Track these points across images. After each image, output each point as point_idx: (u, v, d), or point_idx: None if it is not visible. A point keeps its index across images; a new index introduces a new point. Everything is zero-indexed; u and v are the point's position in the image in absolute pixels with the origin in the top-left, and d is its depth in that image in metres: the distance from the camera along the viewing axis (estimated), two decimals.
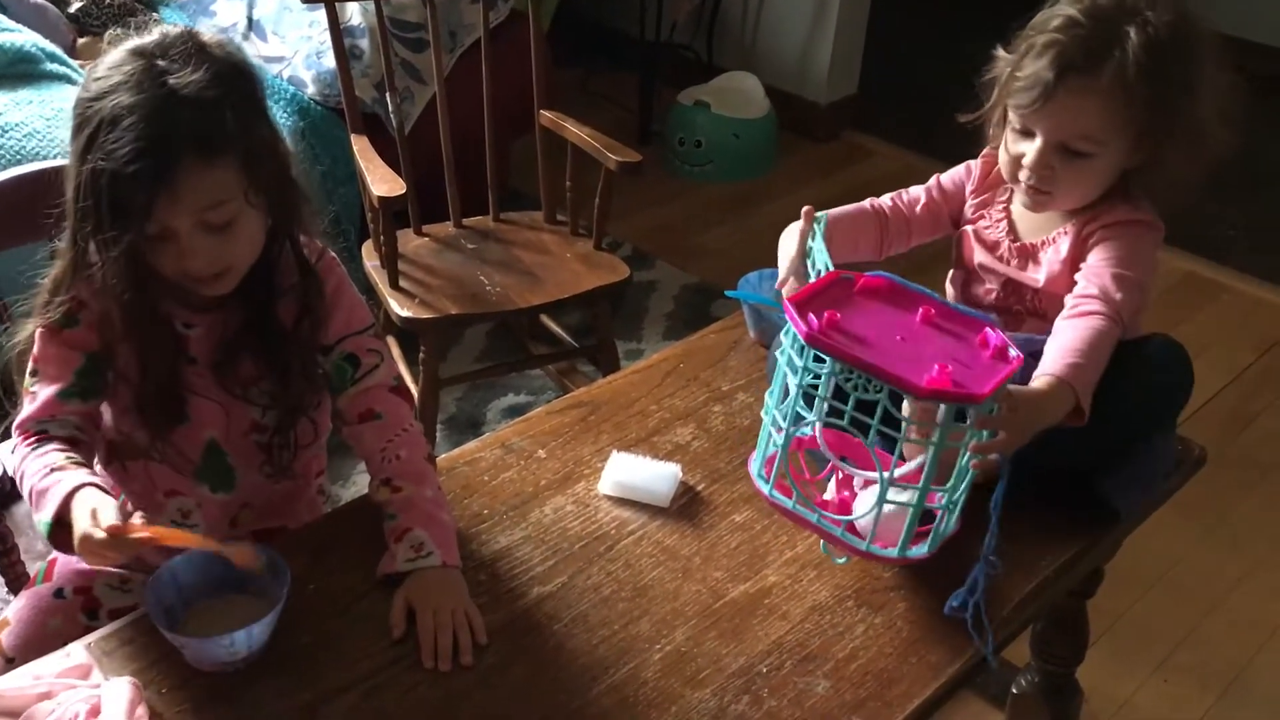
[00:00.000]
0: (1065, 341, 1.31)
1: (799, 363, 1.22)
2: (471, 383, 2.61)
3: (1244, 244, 3.36)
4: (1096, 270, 1.37)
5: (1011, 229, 1.50)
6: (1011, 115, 1.40)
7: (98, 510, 1.14)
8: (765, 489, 1.30)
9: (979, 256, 1.51)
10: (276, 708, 1.16)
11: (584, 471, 1.49)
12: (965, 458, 1.22)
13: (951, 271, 1.60)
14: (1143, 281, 1.37)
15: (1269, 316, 3.16)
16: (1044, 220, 1.47)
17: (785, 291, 1.42)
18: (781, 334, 1.30)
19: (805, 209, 1.45)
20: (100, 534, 1.12)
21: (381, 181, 2.11)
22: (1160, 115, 1.33)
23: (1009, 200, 1.51)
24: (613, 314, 2.45)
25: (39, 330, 1.30)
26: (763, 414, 1.32)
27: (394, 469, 1.35)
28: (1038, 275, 1.46)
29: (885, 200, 1.59)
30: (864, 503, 1.30)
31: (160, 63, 1.17)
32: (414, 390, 2.37)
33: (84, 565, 1.38)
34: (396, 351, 2.52)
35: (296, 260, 1.33)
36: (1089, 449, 1.36)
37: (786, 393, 1.26)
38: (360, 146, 2.25)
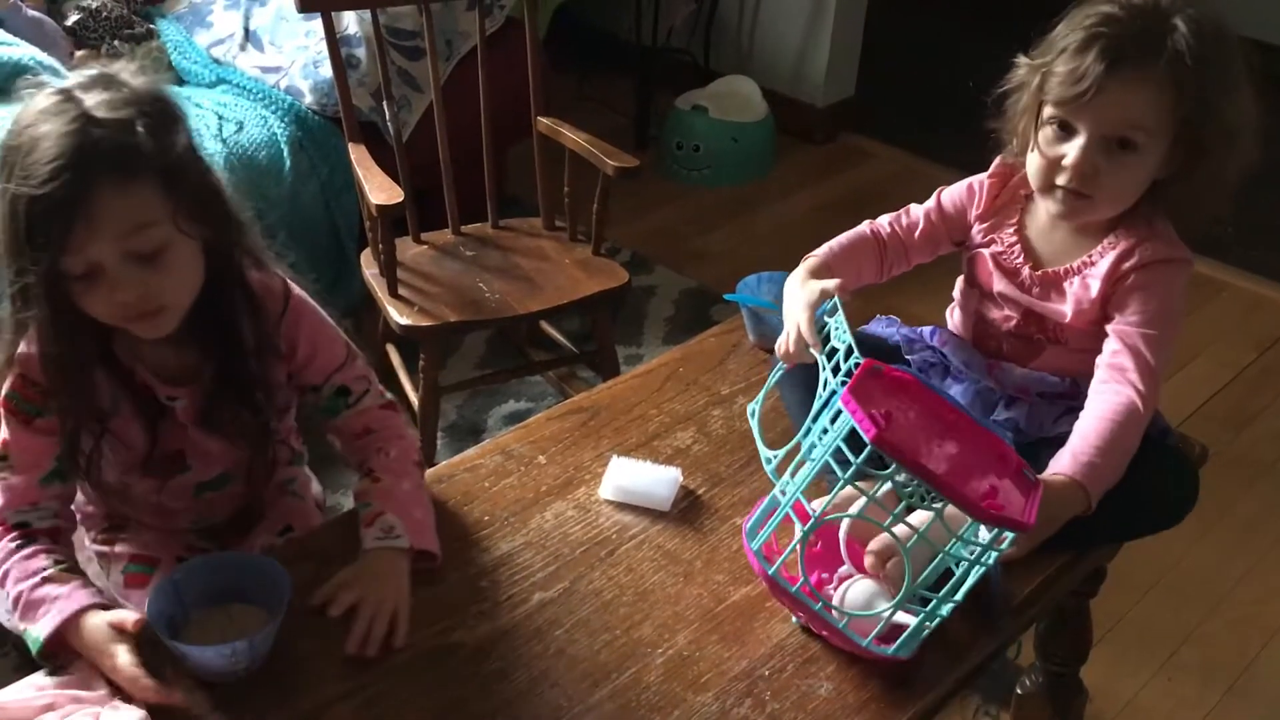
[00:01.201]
0: (1091, 431, 1.30)
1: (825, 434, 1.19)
2: (472, 390, 2.61)
3: (1243, 242, 3.36)
4: (1130, 334, 1.35)
5: (1028, 253, 1.45)
6: (1048, 115, 1.34)
7: (118, 645, 1.15)
8: (767, 568, 1.23)
9: (998, 284, 1.46)
10: (277, 716, 1.16)
11: (585, 477, 1.49)
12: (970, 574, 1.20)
13: (960, 293, 1.56)
14: (1173, 333, 1.37)
15: (1269, 314, 3.15)
16: (1063, 244, 1.43)
17: (783, 354, 1.38)
18: (817, 420, 1.22)
19: (827, 286, 1.35)
20: (148, 683, 1.13)
21: (379, 190, 2.11)
22: (1201, 116, 1.29)
23: (1019, 222, 1.47)
24: (612, 319, 2.45)
25: (5, 414, 1.28)
26: (778, 491, 1.25)
27: (378, 463, 1.40)
28: (1063, 308, 1.41)
29: (884, 225, 1.54)
30: (853, 595, 1.25)
31: (79, 94, 1.16)
32: (414, 398, 2.38)
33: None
34: (396, 359, 2.52)
35: (245, 296, 1.31)
36: (1081, 539, 1.37)
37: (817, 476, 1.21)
38: (358, 155, 2.25)
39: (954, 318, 1.58)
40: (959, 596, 1.20)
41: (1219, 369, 2.89)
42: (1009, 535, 1.15)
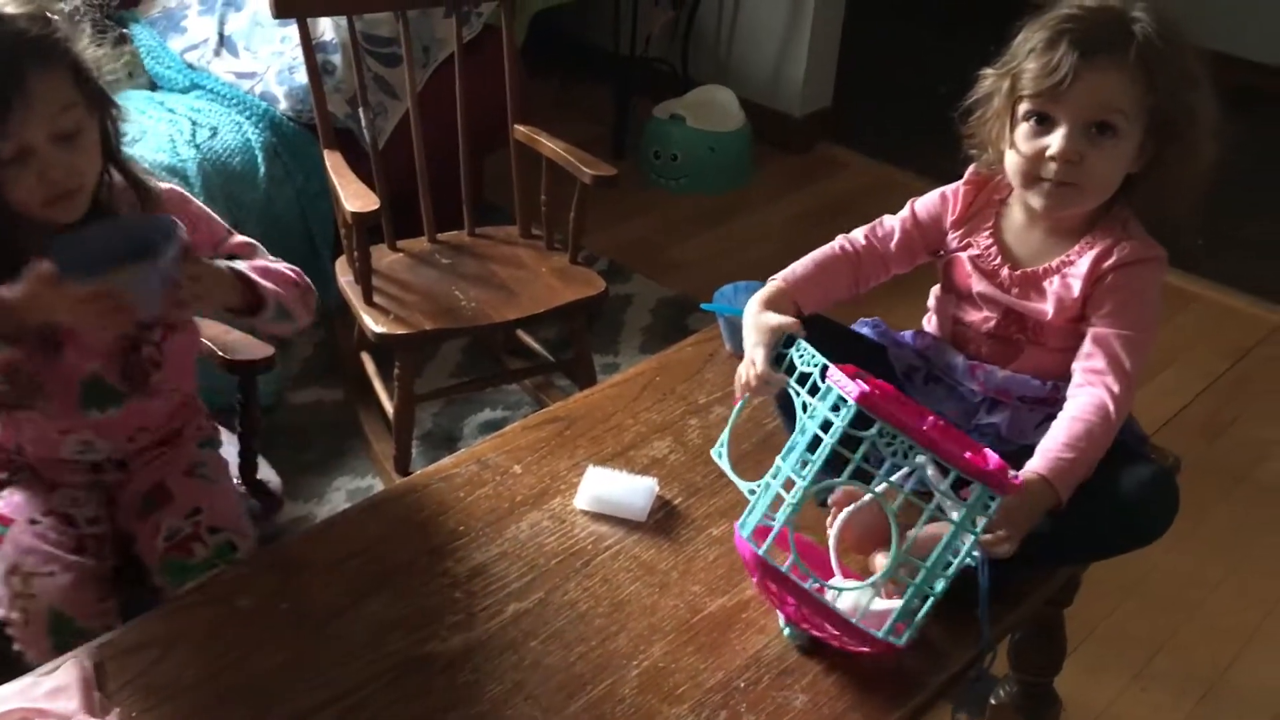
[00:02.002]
0: (1062, 431, 1.33)
1: (817, 417, 1.22)
2: (447, 398, 2.60)
3: (1214, 253, 3.39)
4: (1106, 336, 1.37)
5: (1005, 255, 1.46)
6: (1025, 111, 1.36)
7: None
8: (758, 549, 1.23)
9: (978, 285, 1.47)
10: None
11: (560, 487, 1.48)
12: (962, 552, 1.23)
13: (936, 298, 1.57)
14: (1151, 334, 1.39)
15: (1240, 324, 3.18)
16: (1039, 245, 1.44)
17: (742, 387, 1.39)
18: (802, 402, 1.27)
19: (782, 324, 1.38)
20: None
21: (355, 197, 2.10)
22: (1170, 103, 1.33)
23: (995, 226, 1.48)
24: (589, 328, 2.44)
25: None
26: (769, 478, 1.27)
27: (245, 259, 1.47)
28: (1044, 306, 1.42)
29: (859, 238, 1.54)
30: (844, 604, 1.25)
31: None
32: (389, 407, 2.36)
33: (29, 498, 1.48)
34: (371, 368, 2.51)
35: (130, 179, 1.41)
36: (1059, 556, 1.39)
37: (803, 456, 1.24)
38: (333, 162, 2.23)
39: (930, 324, 1.58)
40: (950, 572, 1.22)
41: (1192, 379, 2.91)
42: (994, 503, 1.19)
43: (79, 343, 1.41)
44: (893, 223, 1.55)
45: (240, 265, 1.42)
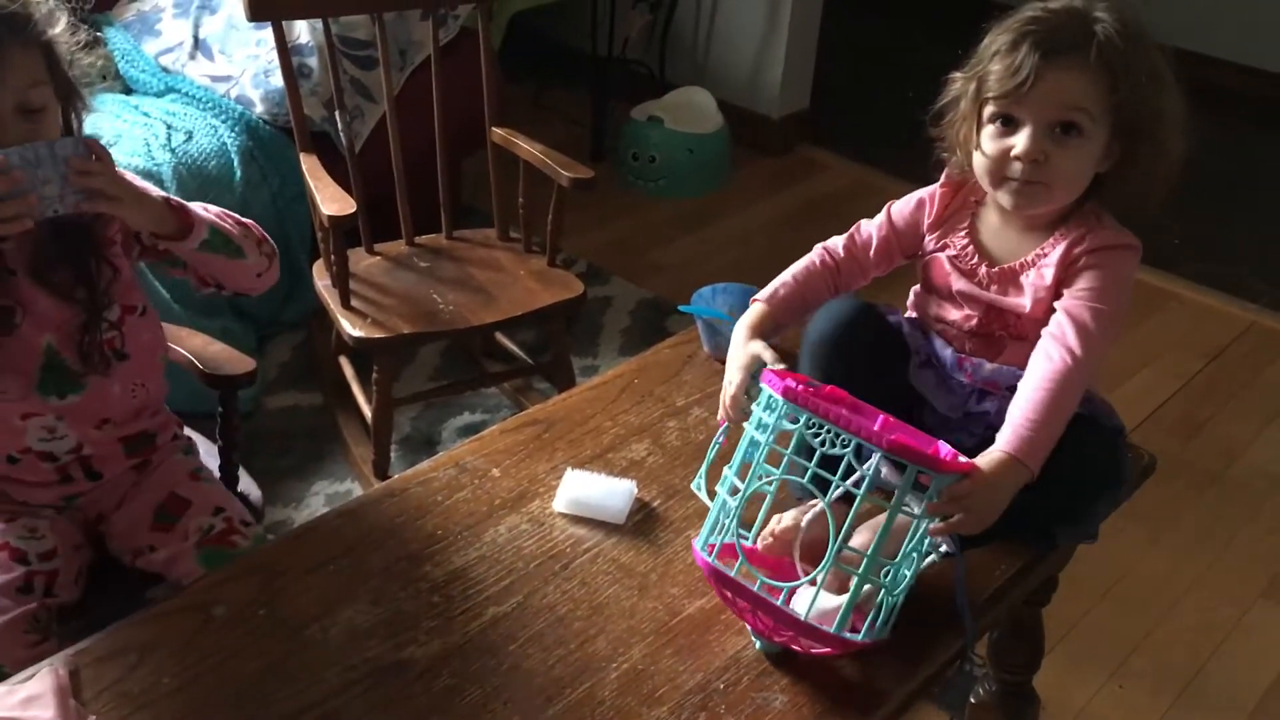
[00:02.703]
0: (1025, 401, 1.33)
1: (768, 421, 1.24)
2: (426, 402, 2.59)
3: (1190, 253, 3.42)
4: (1074, 306, 1.38)
5: (981, 254, 1.47)
6: (990, 113, 1.38)
7: None
8: (709, 558, 1.24)
9: (957, 284, 1.48)
10: None
11: (539, 490, 1.48)
12: (912, 543, 1.23)
13: (916, 299, 1.57)
14: (1118, 312, 1.39)
15: (1216, 324, 3.21)
16: (1016, 241, 1.45)
17: (723, 414, 1.44)
18: (755, 412, 1.28)
19: (763, 355, 1.41)
20: None
21: (331, 201, 2.09)
22: (1135, 102, 1.34)
23: (971, 226, 1.49)
24: (568, 330, 2.44)
25: None
26: (718, 488, 1.28)
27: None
28: (1022, 301, 1.43)
29: (837, 247, 1.55)
30: (802, 599, 1.24)
31: None
32: (367, 411, 2.35)
33: None
34: (350, 372, 2.50)
35: None
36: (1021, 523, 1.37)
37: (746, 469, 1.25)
38: (309, 166, 2.23)
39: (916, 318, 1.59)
40: (914, 567, 1.23)
41: (1167, 379, 2.94)
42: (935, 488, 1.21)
43: (33, 312, 1.40)
44: (870, 229, 1.56)
45: (177, 198, 1.42)
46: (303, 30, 2.66)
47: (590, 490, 1.45)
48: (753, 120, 3.89)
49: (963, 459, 1.28)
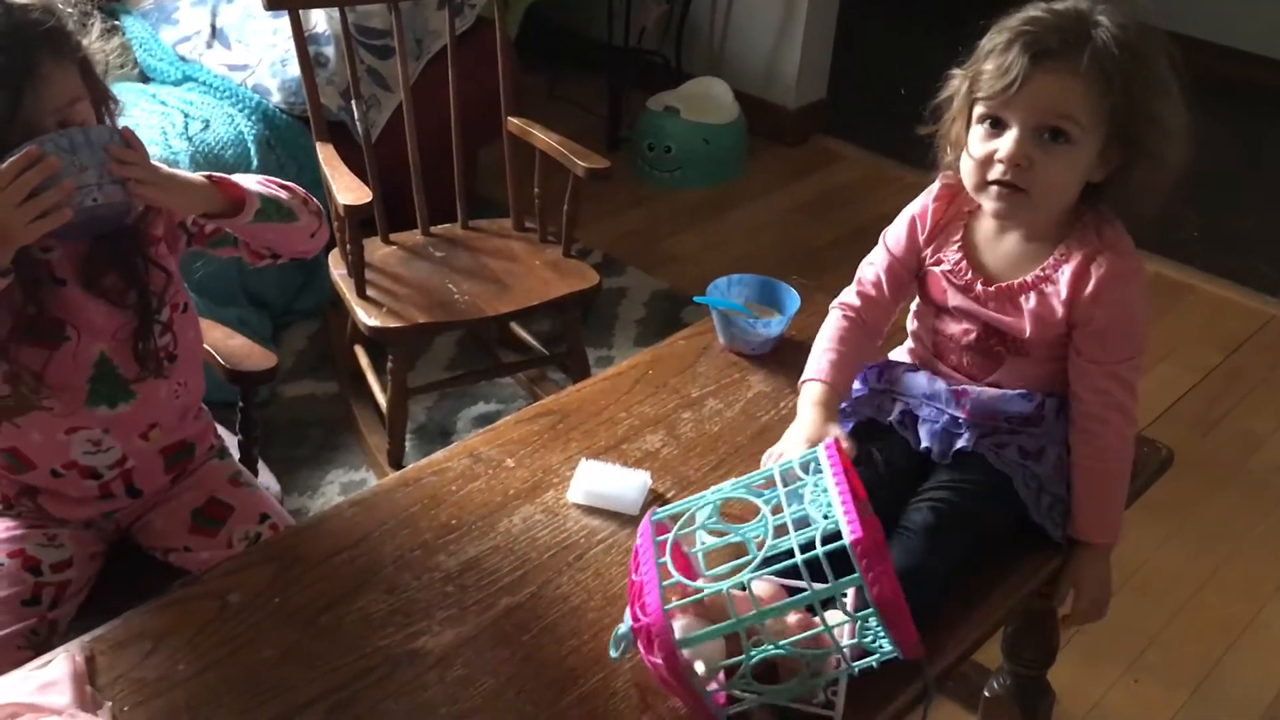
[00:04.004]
0: (1098, 488, 1.42)
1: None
2: (441, 392, 2.60)
3: (1209, 246, 3.39)
4: (1109, 370, 1.39)
5: (976, 269, 1.43)
6: (979, 114, 1.35)
7: None
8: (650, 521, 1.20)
9: (954, 299, 1.45)
10: None
11: (553, 480, 1.48)
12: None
13: (916, 312, 1.54)
14: (1144, 349, 1.43)
15: (1234, 317, 3.18)
16: (1011, 256, 1.42)
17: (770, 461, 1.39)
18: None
19: (836, 434, 1.36)
20: None
21: (347, 190, 2.09)
22: (1131, 109, 1.31)
23: (964, 240, 1.45)
24: (582, 321, 2.44)
25: None
26: (710, 491, 1.23)
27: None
28: (1022, 324, 1.40)
29: (853, 298, 1.52)
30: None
31: None
32: (382, 400, 2.36)
33: (5, 533, 1.44)
34: (365, 361, 2.51)
35: None
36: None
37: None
38: (326, 155, 2.23)
39: (911, 336, 1.57)
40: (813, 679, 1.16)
41: (1185, 372, 2.92)
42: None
43: (85, 322, 1.38)
44: (872, 268, 1.53)
45: (217, 174, 1.40)
46: (319, 19, 2.66)
47: (605, 481, 1.45)
48: (769, 110, 3.87)
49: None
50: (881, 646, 1.16)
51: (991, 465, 1.39)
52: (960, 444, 1.41)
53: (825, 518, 1.11)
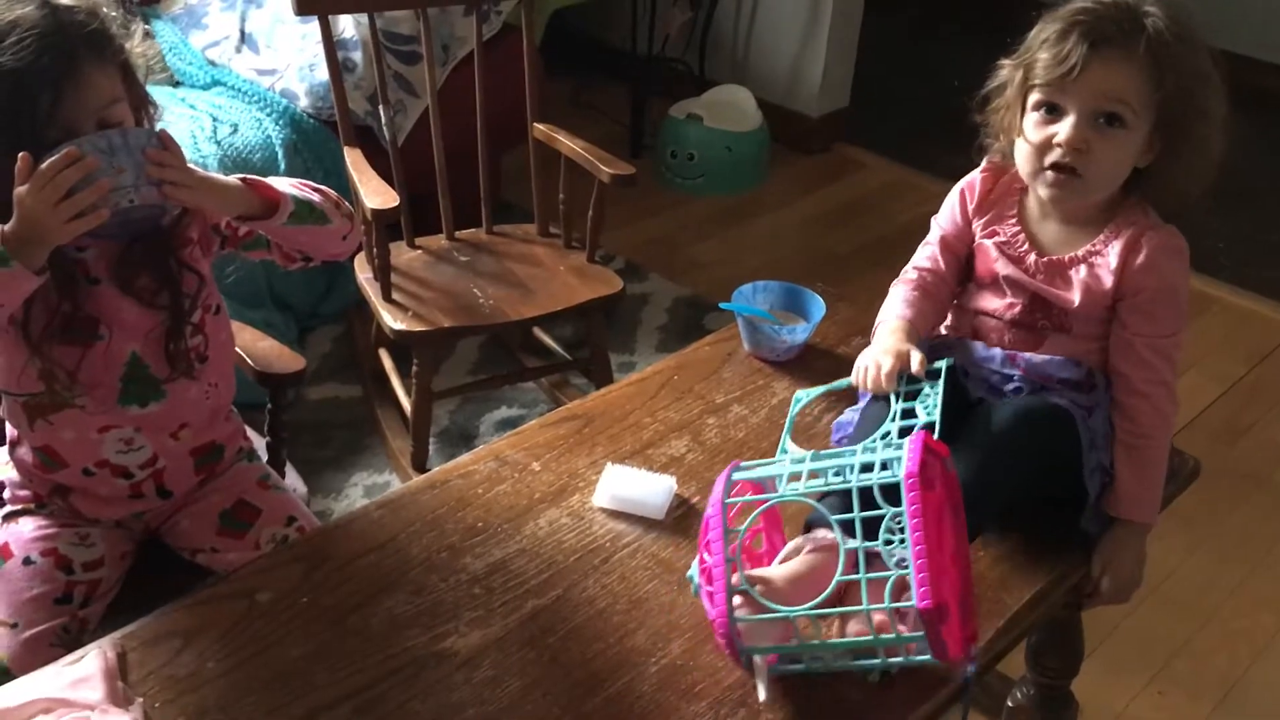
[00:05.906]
0: (1140, 464, 1.42)
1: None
2: (465, 395, 2.60)
3: (1234, 257, 3.38)
4: (1151, 344, 1.41)
5: (1032, 241, 1.47)
6: (1035, 100, 1.39)
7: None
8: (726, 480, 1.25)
9: (1004, 269, 1.48)
10: None
11: (578, 484, 1.48)
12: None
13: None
14: (1184, 328, 1.44)
15: (1260, 328, 3.17)
16: (1060, 236, 1.46)
17: (860, 383, 1.43)
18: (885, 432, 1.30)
19: (915, 359, 1.39)
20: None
21: (374, 194, 2.10)
22: (1180, 97, 1.35)
23: (1019, 214, 1.49)
24: (606, 327, 2.44)
25: None
26: (794, 457, 1.26)
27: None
28: (1071, 295, 1.43)
29: (911, 270, 1.55)
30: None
31: None
32: (406, 404, 2.37)
33: (38, 531, 1.45)
34: (389, 364, 2.52)
35: None
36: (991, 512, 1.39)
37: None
38: (353, 159, 2.24)
39: (951, 317, 1.58)
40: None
41: (1211, 383, 2.90)
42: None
43: (119, 321, 1.39)
44: (929, 249, 1.56)
45: (251, 176, 1.40)
46: (348, 25, 2.68)
47: (630, 486, 1.45)
48: (791, 119, 3.88)
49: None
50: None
51: (1055, 405, 1.42)
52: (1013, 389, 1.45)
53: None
